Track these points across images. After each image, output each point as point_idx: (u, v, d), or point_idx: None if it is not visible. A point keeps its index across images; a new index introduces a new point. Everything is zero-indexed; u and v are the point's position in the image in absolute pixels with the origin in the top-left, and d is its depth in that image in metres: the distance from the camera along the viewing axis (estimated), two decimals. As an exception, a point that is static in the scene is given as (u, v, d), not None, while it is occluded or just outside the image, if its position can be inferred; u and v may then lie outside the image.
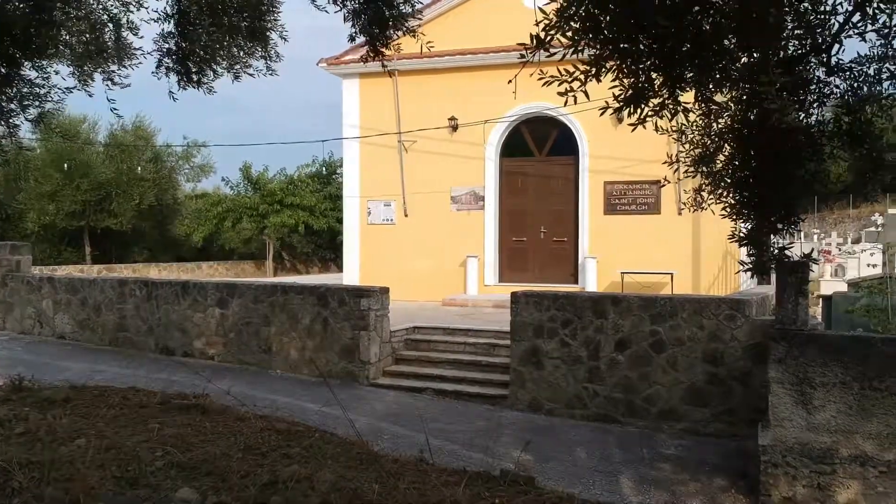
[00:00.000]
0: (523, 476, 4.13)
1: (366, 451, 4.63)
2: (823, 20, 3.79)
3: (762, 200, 4.03)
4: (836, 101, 3.99)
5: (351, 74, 17.68)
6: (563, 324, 9.77)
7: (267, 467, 3.62)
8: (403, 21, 4.79)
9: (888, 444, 6.95)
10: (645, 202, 15.67)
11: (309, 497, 2.95)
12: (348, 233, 18.29)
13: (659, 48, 3.22)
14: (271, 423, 5.75)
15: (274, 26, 6.10)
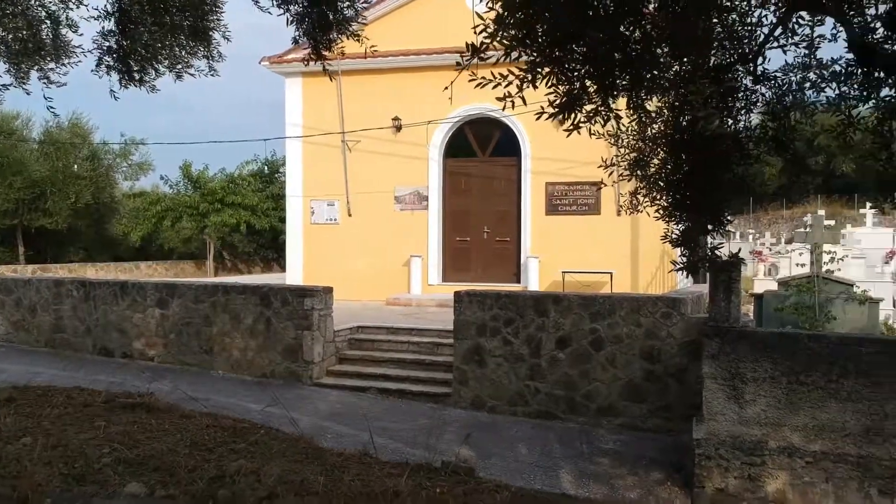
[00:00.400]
0: (463, 467, 4.25)
1: (311, 446, 4.69)
2: (750, 31, 3.98)
3: (693, 203, 4.21)
4: (763, 108, 4.19)
5: (294, 73, 17.58)
6: (505, 322, 9.93)
7: (214, 462, 3.66)
8: (347, 25, 4.85)
9: (814, 436, 7.26)
10: (585, 203, 15.97)
11: (256, 490, 3.00)
12: (291, 232, 18.19)
13: (592, 57, 3.36)
14: (217, 420, 5.76)
15: (217, 26, 6.09)
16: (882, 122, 3.92)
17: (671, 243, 4.59)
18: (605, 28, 3.24)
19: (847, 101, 4.03)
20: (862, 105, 4.00)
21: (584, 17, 3.20)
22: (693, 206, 4.23)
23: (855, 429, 7.13)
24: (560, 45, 3.32)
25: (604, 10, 3.24)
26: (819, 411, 7.24)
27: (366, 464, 4.24)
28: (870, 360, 7.11)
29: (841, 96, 4.03)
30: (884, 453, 7.04)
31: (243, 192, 32.03)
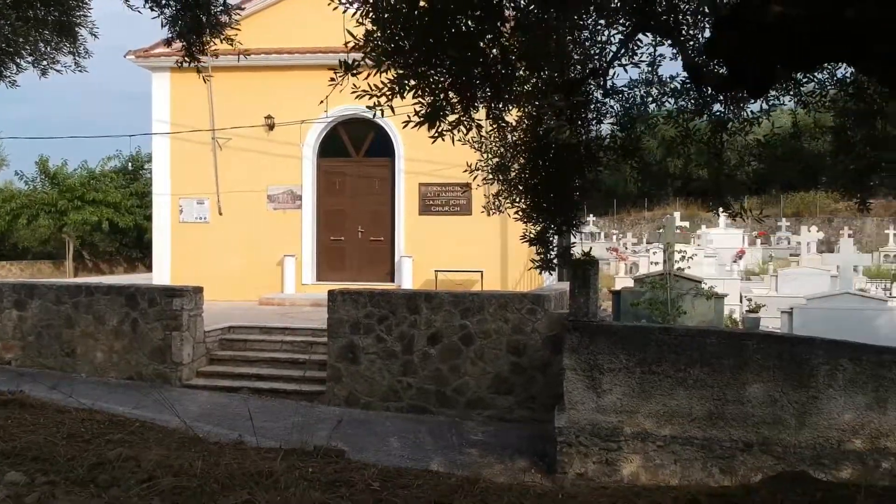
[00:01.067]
0: (334, 450, 4.44)
1: (187, 436, 4.73)
2: (600, 49, 4.34)
3: (548, 205, 4.55)
4: (612, 119, 4.58)
5: (161, 68, 17.06)
6: (378, 320, 10.12)
7: (92, 451, 3.66)
8: (220, 30, 4.90)
9: (664, 422, 7.85)
10: (457, 204, 16.36)
11: (136, 473, 3.05)
12: (159, 231, 17.65)
13: (454, 71, 3.60)
14: (93, 414, 5.69)
15: (83, 22, 5.97)
16: (714, 134, 4.37)
17: (528, 243, 4.92)
18: (466, 45, 3.49)
19: (685, 115, 4.46)
20: (698, 118, 4.45)
21: (447, 35, 3.44)
22: (548, 209, 4.56)
23: (700, 413, 7.76)
24: (425, 60, 3.55)
25: (465, 28, 3.49)
26: (669, 398, 7.84)
27: (241, 450, 4.34)
28: (713, 350, 7.77)
29: (680, 110, 4.47)
30: (725, 435, 7.71)
31: (105, 189, 30.67)
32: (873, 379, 7.42)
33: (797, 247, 32.53)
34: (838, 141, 4.64)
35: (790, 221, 40.62)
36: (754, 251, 33.03)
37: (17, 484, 2.78)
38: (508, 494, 3.40)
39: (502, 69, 3.71)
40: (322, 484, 3.12)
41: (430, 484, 3.45)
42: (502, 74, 3.74)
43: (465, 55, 3.49)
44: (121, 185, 32.03)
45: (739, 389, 7.67)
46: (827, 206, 43.14)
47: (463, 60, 3.51)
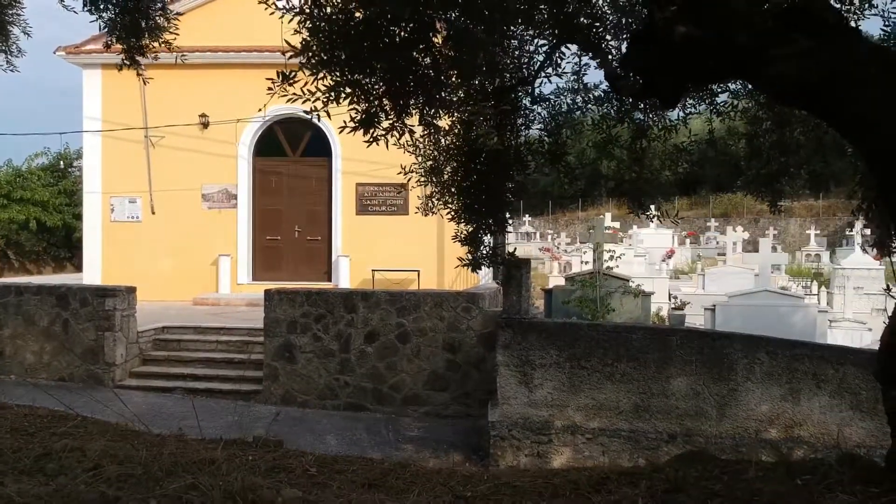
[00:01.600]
0: (273, 440, 4.57)
1: (129, 429, 4.78)
2: (529, 59, 4.56)
3: (479, 206, 4.74)
4: (540, 125, 4.80)
5: (92, 64, 16.76)
6: (315, 319, 10.20)
7: (37, 443, 3.70)
8: (159, 33, 4.95)
9: (593, 415, 8.16)
10: (394, 204, 16.50)
11: (82, 462, 3.11)
12: (89, 230, 17.31)
13: (388, 79, 3.76)
14: (34, 409, 5.69)
15: (16, 20, 5.92)
16: (634, 140, 4.63)
17: (460, 242, 5.12)
18: (399, 54, 3.65)
19: (608, 122, 4.72)
20: (620, 125, 4.70)
21: (381, 44, 3.59)
22: (479, 210, 4.76)
23: (627, 407, 8.09)
24: (360, 69, 3.70)
25: (398, 39, 3.65)
26: (597, 392, 8.14)
27: (183, 441, 4.42)
28: (638, 345, 8.10)
29: (603, 117, 4.72)
30: (650, 427, 8.05)
31: (33, 187, 29.83)
32: (787, 371, 7.85)
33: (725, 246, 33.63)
34: (751, 147, 4.96)
35: (719, 222, 41.94)
36: (684, 251, 34.06)
37: None
38: (437, 476, 3.58)
39: (434, 78, 3.89)
40: (262, 470, 3.25)
41: (365, 469, 3.60)
42: (434, 83, 3.92)
43: (399, 64, 3.66)
44: (49, 182, 31.19)
45: (664, 383, 8.02)
46: (753, 207, 44.65)
47: (396, 69, 3.67)
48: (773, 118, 4.87)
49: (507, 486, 3.18)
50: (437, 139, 4.79)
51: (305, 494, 2.73)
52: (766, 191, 4.99)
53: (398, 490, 3.19)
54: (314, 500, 2.67)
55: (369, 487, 3.21)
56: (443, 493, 3.13)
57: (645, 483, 2.85)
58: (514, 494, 3.03)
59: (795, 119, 4.86)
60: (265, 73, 4.60)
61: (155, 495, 2.55)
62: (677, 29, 2.64)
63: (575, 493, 2.98)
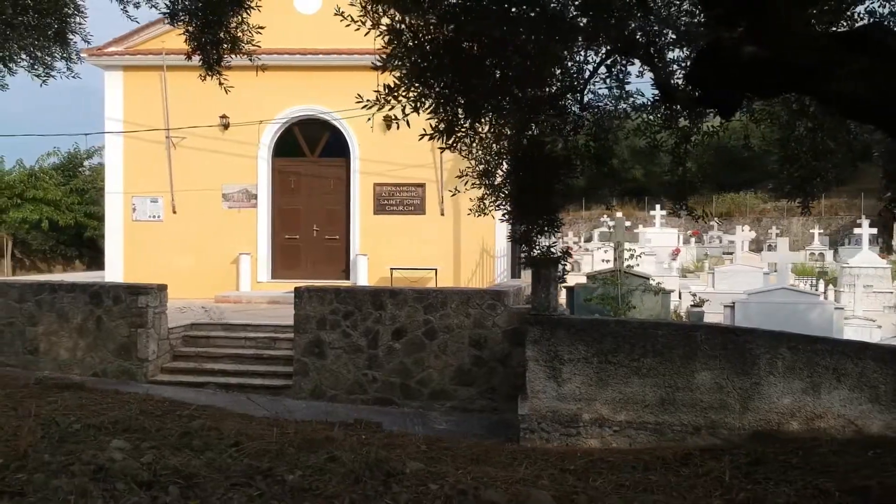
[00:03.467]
0: (373, 422, 4.86)
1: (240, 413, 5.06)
2: (578, 68, 4.85)
3: (532, 208, 5.03)
4: (587, 130, 5.09)
5: (114, 66, 17.07)
6: (344, 316, 10.48)
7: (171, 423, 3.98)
8: (239, 47, 5.24)
9: (620, 408, 8.44)
10: (411, 203, 16.79)
11: (222, 440, 3.40)
12: (111, 230, 17.60)
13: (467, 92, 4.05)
14: (151, 397, 5.97)
15: (77, 29, 6.21)
16: (678, 145, 4.92)
17: (513, 241, 5.40)
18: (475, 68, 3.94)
19: (652, 128, 5.01)
20: (664, 131, 4.99)
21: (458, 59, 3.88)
22: (532, 211, 5.05)
23: (653, 400, 8.37)
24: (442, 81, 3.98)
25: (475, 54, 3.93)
26: (624, 386, 8.42)
27: (299, 422, 4.70)
28: (664, 341, 8.38)
29: (648, 123, 5.01)
30: (675, 420, 8.33)
31: (45, 187, 30.12)
32: (808, 366, 8.12)
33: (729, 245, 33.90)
34: (785, 152, 5.25)
35: (722, 221, 42.24)
36: (689, 249, 34.31)
37: (122, 449, 3.09)
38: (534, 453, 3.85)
39: (503, 88, 4.18)
40: (380, 447, 3.52)
41: (468, 447, 3.87)
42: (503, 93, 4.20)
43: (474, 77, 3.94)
44: (60, 182, 31.48)
45: (689, 377, 8.30)
46: (756, 206, 45.03)
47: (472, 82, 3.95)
48: (806, 124, 5.16)
49: (601, 461, 3.44)
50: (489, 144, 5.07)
51: (427, 467, 3.00)
52: (798, 193, 5.28)
53: (504, 464, 3.46)
54: (435, 472, 2.95)
55: (477, 462, 3.49)
56: (546, 467, 3.41)
57: (728, 458, 3.12)
58: (611, 468, 3.29)
59: (827, 125, 5.15)
60: (285, 76, 4.88)
61: (301, 466, 2.83)
62: (745, 49, 2.92)
63: (664, 466, 3.24)
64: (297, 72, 16.02)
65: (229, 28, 5.12)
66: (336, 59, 16.31)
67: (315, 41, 15.47)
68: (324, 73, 16.43)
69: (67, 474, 2.76)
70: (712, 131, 4.96)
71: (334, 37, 16.46)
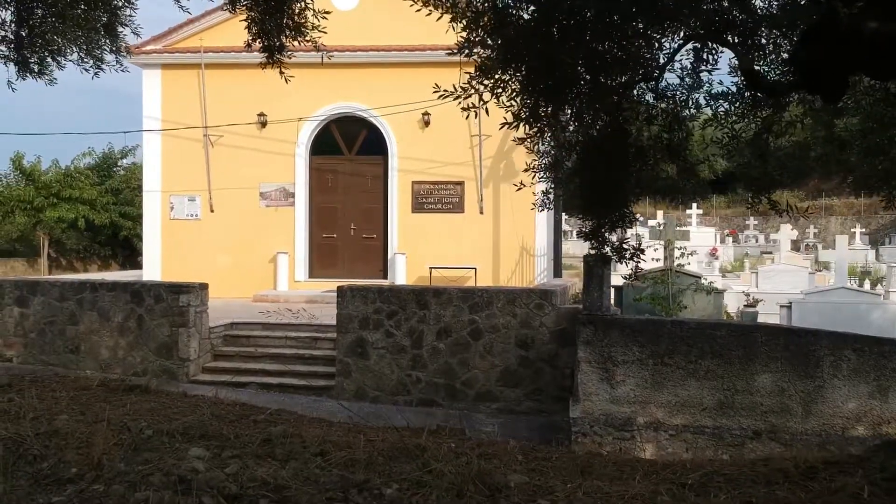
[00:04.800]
0: (456, 428, 4.66)
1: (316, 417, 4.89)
2: (652, 54, 4.59)
3: (602, 202, 4.79)
4: (660, 121, 4.83)
5: (152, 65, 17.07)
6: (388, 315, 10.29)
7: (250, 429, 3.81)
8: (303, 32, 5.06)
9: (676, 411, 8.17)
10: (450, 201, 16.58)
11: (307, 448, 3.22)
12: (149, 228, 17.60)
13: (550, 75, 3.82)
14: (220, 399, 5.83)
15: (127, 21, 6.07)
16: (759, 135, 4.65)
17: (584, 238, 5.16)
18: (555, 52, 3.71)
19: (729, 118, 4.74)
20: (742, 121, 4.72)
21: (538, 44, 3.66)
22: (602, 205, 4.80)
23: (710, 403, 8.09)
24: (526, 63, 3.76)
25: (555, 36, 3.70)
26: (680, 389, 8.15)
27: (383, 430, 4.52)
28: (722, 342, 8.09)
29: (725, 113, 4.74)
30: (734, 424, 8.04)
31: (81, 186, 30.37)
32: (875, 368, 7.80)
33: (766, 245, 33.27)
34: (867, 143, 4.95)
35: (758, 220, 41.58)
36: (726, 249, 33.76)
37: (201, 458, 2.92)
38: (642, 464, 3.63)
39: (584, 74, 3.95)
40: (472, 456, 3.33)
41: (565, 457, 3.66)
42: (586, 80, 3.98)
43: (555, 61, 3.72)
44: (95, 182, 31.73)
45: (748, 380, 8.00)
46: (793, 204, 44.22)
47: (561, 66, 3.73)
48: (891, 114, 4.86)
49: (717, 473, 3.22)
50: (556, 135, 4.84)
51: (531, 479, 2.80)
52: (883, 186, 4.98)
53: (613, 477, 3.25)
54: (542, 486, 2.74)
55: (583, 474, 3.29)
56: (660, 481, 3.18)
57: (860, 472, 2.88)
58: (728, 482, 3.07)
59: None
60: (322, 73, 4.74)
61: (396, 479, 2.64)
62: (867, 25, 2.67)
63: (787, 480, 3.02)
64: (334, 69, 15.84)
65: (293, 13, 4.93)
66: (374, 56, 16.16)
67: (353, 38, 15.30)
68: (361, 70, 16.29)
69: (147, 486, 2.58)
70: (795, 120, 4.69)
71: (373, 33, 16.41)
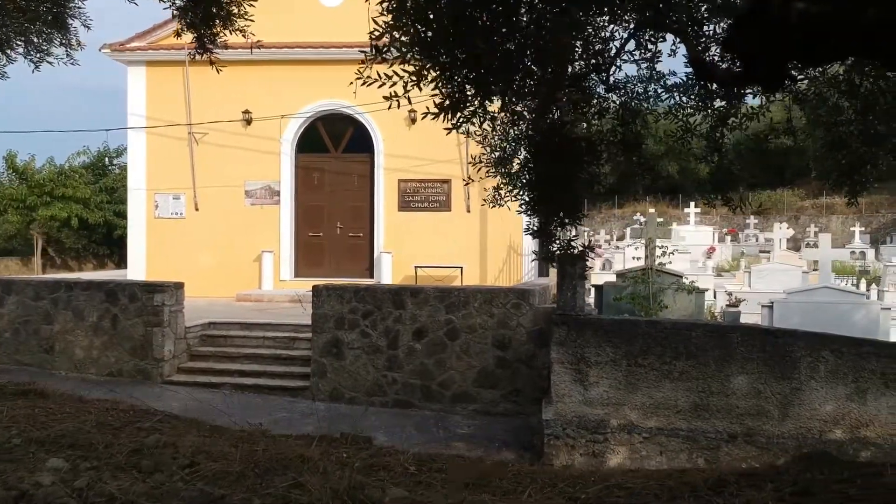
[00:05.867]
0: (362, 437, 4.47)
1: (212, 425, 4.72)
2: (604, 45, 4.41)
3: (551, 198, 4.61)
4: (613, 114, 4.64)
5: (137, 62, 16.91)
6: (363, 315, 10.12)
7: (126, 438, 3.65)
8: (232, 22, 4.89)
9: (650, 414, 7.97)
10: (436, 200, 16.40)
11: (177, 459, 3.05)
12: (133, 227, 17.45)
13: (473, 63, 3.64)
14: (116, 404, 5.65)
15: (76, 13, 5.91)
16: (714, 128, 4.46)
17: (531, 235, 4.99)
18: (483, 39, 3.53)
19: (684, 110, 4.55)
20: (697, 114, 4.53)
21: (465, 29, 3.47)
22: (551, 202, 4.62)
23: (685, 405, 7.89)
24: (447, 52, 3.58)
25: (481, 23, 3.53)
26: (655, 391, 7.95)
27: (270, 437, 4.35)
28: (698, 343, 7.89)
29: (679, 105, 4.55)
30: (709, 427, 7.84)
31: (75, 185, 30.25)
32: (853, 370, 7.59)
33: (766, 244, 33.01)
34: (831, 136, 4.76)
35: (758, 219, 41.31)
36: (724, 248, 33.49)
37: (59, 470, 2.76)
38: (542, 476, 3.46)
39: (516, 63, 3.77)
40: (360, 468, 3.16)
41: (464, 468, 3.48)
42: (517, 68, 3.80)
43: (483, 49, 3.54)
44: (90, 180, 31.62)
45: (724, 381, 7.80)
46: (794, 203, 43.95)
47: (482, 54, 3.55)
48: (856, 106, 4.66)
49: (619, 487, 3.05)
50: (506, 129, 4.66)
51: (412, 494, 2.63)
52: (846, 181, 4.79)
53: (505, 490, 3.07)
54: (421, 501, 2.57)
55: (474, 487, 3.11)
56: (553, 495, 3.01)
57: (770, 486, 2.70)
58: (629, 496, 2.90)
59: (880, 107, 4.65)
60: (308, 70, 4.58)
61: (259, 494, 2.47)
62: (794, 5, 2.48)
63: (693, 495, 2.84)
64: (320, 66, 15.70)
65: (222, 3, 4.76)
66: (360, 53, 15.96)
67: (339, 34, 15.12)
68: (348, 67, 16.00)
69: (-19, 503, 2.42)
70: (752, 113, 4.50)
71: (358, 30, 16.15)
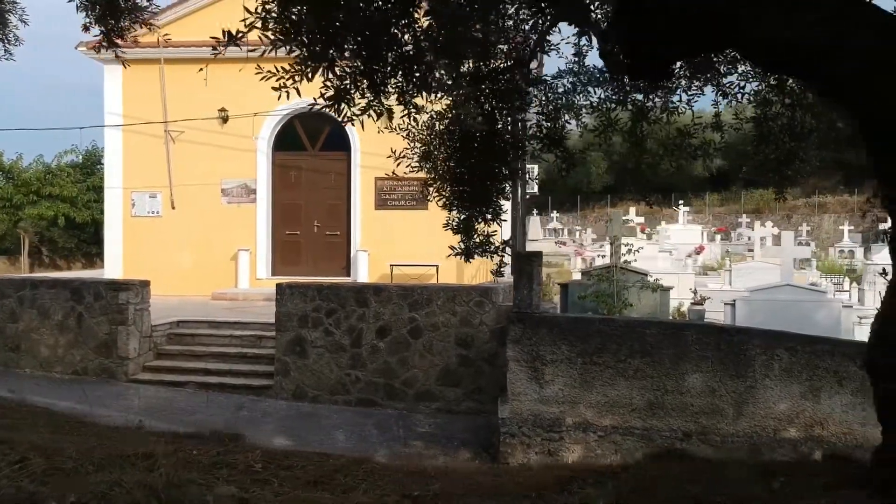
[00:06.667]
0: (229, 434, 4.41)
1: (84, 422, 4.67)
2: (524, 38, 4.36)
3: (472, 194, 4.56)
4: (537, 108, 4.59)
5: (113, 60, 16.75)
6: (327, 313, 10.08)
7: None
8: (139, 14, 4.84)
9: (605, 412, 7.92)
10: (413, 198, 16.31)
11: (7, 456, 3.00)
12: (110, 225, 17.38)
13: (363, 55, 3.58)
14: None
15: (12, 8, 5.85)
16: (634, 123, 4.41)
17: (451, 230, 4.93)
18: (375, 29, 3.47)
19: (608, 105, 4.50)
20: (620, 108, 4.48)
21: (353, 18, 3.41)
22: (472, 197, 4.57)
23: (640, 404, 7.84)
24: (327, 42, 3.52)
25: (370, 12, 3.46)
26: (610, 389, 7.90)
27: (140, 435, 4.30)
28: (653, 341, 7.84)
29: (603, 100, 4.50)
30: (664, 425, 7.79)
31: (62, 184, 30.16)
32: (808, 368, 7.55)
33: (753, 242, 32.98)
34: (759, 131, 4.71)
35: (750, 218, 41.32)
36: (714, 247, 33.48)
37: None
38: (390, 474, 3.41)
39: (415, 56, 3.71)
40: (204, 465, 3.11)
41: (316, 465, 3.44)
42: (414, 61, 3.74)
43: (375, 40, 3.48)
44: (77, 179, 31.53)
45: (679, 380, 7.76)
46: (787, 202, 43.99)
47: (372, 45, 3.49)
48: (783, 101, 4.62)
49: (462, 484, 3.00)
50: (431, 124, 4.61)
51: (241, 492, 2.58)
52: (773, 176, 4.74)
53: (345, 488, 3.02)
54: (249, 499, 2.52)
55: (314, 485, 3.05)
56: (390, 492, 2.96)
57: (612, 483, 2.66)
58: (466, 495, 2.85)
59: (807, 102, 4.60)
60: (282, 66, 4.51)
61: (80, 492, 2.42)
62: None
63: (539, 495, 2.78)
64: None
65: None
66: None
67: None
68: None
69: None
70: (673, 107, 4.45)
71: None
